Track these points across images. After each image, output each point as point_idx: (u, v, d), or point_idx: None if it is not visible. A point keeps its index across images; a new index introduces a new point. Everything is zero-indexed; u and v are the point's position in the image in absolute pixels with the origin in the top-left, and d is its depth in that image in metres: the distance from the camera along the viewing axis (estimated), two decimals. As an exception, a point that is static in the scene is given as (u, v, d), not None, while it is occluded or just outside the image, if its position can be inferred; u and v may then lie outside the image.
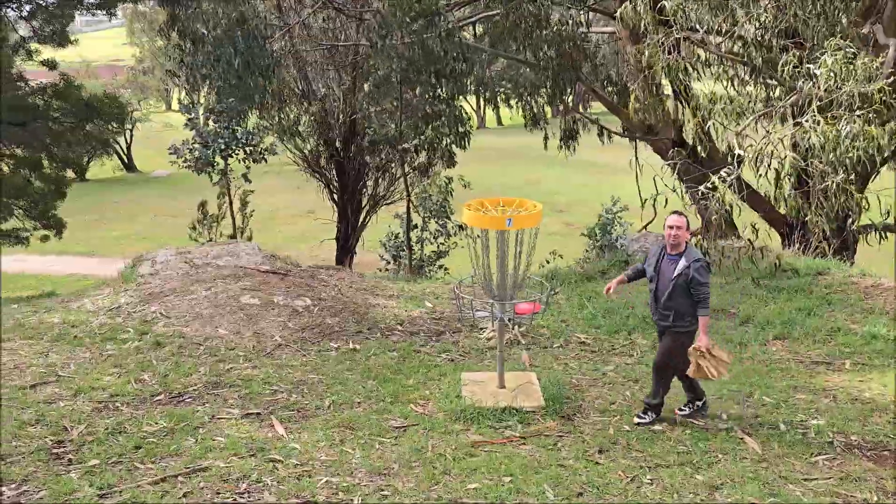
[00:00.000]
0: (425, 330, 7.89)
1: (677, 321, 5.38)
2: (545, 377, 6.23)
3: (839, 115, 7.11)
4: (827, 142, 7.04)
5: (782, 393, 6.29)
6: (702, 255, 5.38)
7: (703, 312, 5.32)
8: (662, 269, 5.39)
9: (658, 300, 5.42)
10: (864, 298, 8.96)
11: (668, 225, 5.38)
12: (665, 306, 5.37)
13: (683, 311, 5.36)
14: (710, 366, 5.31)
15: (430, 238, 15.32)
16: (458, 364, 6.92)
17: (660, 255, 5.45)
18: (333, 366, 6.68)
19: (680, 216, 5.39)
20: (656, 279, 5.42)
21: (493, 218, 5.39)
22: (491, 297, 5.73)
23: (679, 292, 5.30)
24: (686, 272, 5.25)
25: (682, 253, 5.35)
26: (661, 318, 5.47)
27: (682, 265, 5.28)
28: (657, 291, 5.42)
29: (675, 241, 5.34)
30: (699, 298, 5.29)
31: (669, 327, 5.44)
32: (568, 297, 9.13)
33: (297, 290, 8.42)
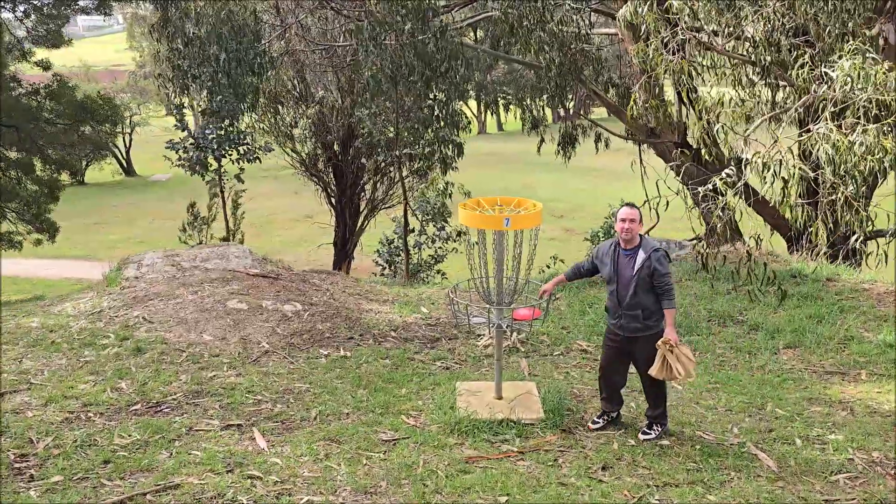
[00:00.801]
0: (420, 336, 7.55)
1: (647, 321, 5.04)
2: (545, 387, 5.88)
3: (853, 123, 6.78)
4: (838, 153, 6.70)
5: (796, 405, 5.95)
6: (659, 244, 5.07)
7: (669, 305, 4.99)
8: (620, 266, 5.05)
9: (621, 301, 5.06)
10: (877, 305, 8.62)
11: (620, 218, 5.04)
12: (630, 305, 5.01)
13: (651, 309, 5.03)
14: (676, 363, 4.90)
15: (428, 243, 14.99)
16: (454, 372, 6.59)
17: (614, 253, 5.10)
18: (322, 374, 6.34)
19: (632, 208, 5.06)
20: (615, 279, 5.07)
21: (489, 217, 5.06)
22: (488, 303, 5.39)
23: (643, 288, 4.98)
24: (647, 264, 4.94)
25: (637, 246, 5.03)
26: (627, 320, 5.07)
27: (640, 258, 4.96)
28: (618, 292, 5.07)
29: (628, 234, 5.00)
30: (663, 290, 4.97)
31: (640, 331, 5.06)
32: (569, 302, 8.79)
33: (288, 294, 8.09)
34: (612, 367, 5.33)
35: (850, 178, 6.55)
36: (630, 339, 5.13)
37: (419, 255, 15.09)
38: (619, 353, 5.26)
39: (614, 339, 5.25)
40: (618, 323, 5.16)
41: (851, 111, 6.89)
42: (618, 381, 5.38)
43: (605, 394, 5.43)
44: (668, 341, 4.93)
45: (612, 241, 5.20)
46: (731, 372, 6.82)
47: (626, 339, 5.15)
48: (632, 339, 5.12)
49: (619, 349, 5.24)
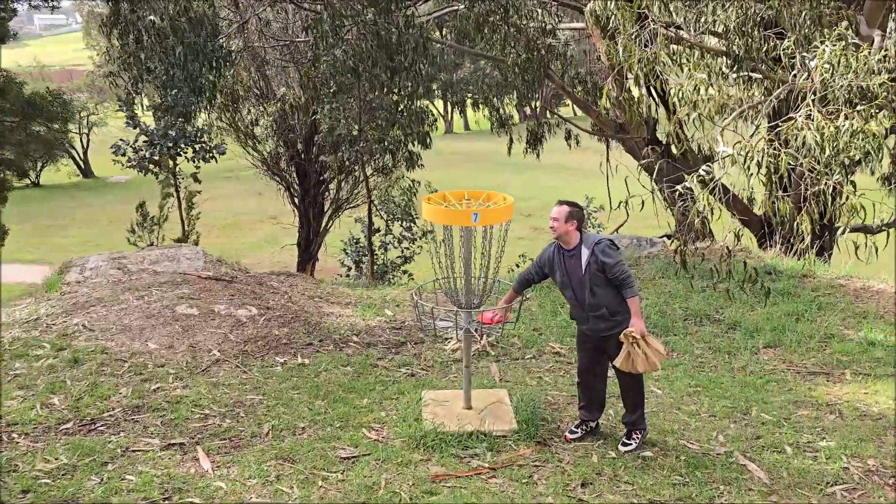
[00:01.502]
0: (384, 341, 7.10)
1: (615, 317, 4.71)
2: (517, 394, 5.48)
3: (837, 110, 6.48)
4: (824, 139, 6.40)
5: (782, 409, 5.62)
6: (603, 237, 4.75)
7: (630, 293, 4.65)
8: (569, 268, 4.77)
9: (582, 304, 4.77)
10: (855, 302, 8.40)
11: (550, 217, 4.78)
12: (592, 306, 4.71)
13: (614, 304, 4.71)
14: (640, 355, 4.56)
15: (395, 243, 14.52)
16: (420, 379, 6.15)
17: (559, 257, 4.83)
18: (277, 384, 5.86)
19: (560, 206, 4.75)
20: (569, 282, 4.80)
21: (456, 212, 4.64)
22: (455, 305, 4.97)
23: (599, 285, 4.67)
24: (594, 260, 4.64)
25: (579, 244, 4.75)
26: (594, 322, 4.76)
27: (585, 255, 4.67)
28: (576, 295, 4.79)
29: (553, 233, 4.74)
30: (619, 281, 4.63)
31: (611, 329, 4.72)
32: (540, 303, 8.41)
33: (243, 298, 7.59)
34: (591, 372, 4.97)
35: (837, 165, 6.25)
36: (603, 339, 4.82)
37: (385, 255, 14.61)
38: (595, 354, 4.92)
39: (587, 341, 4.95)
40: (585, 325, 4.87)
41: (832, 98, 6.61)
42: (598, 387, 4.99)
43: (584, 401, 5.04)
44: (631, 333, 4.58)
45: (553, 245, 4.89)
46: (711, 374, 6.48)
47: (600, 340, 4.84)
48: (604, 339, 4.82)
49: (593, 350, 4.91)
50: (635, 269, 9.50)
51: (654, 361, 4.57)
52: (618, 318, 4.70)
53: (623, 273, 4.62)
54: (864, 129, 6.32)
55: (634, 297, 4.64)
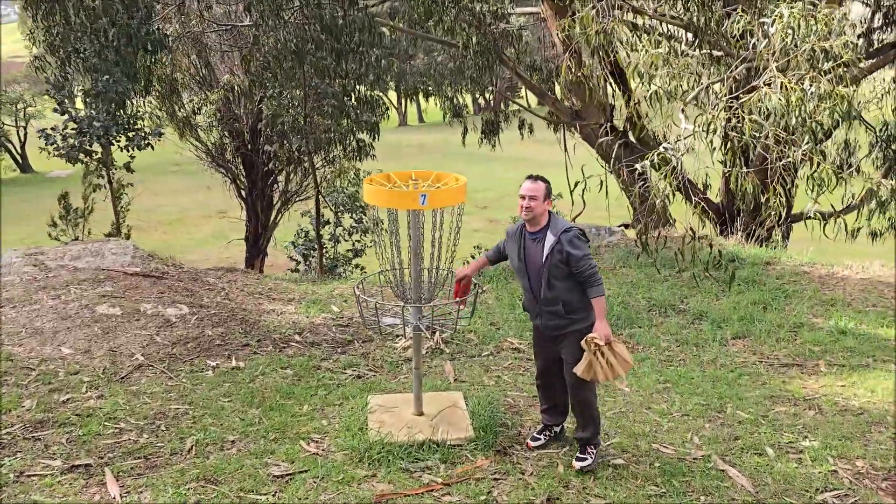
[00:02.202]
0: (329, 340, 6.53)
1: (572, 315, 4.13)
2: (473, 397, 4.97)
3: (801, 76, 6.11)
4: (790, 105, 6.01)
5: (758, 405, 5.22)
6: (572, 224, 4.15)
7: (595, 293, 4.05)
8: (528, 253, 4.17)
9: (536, 295, 4.17)
10: (822, 289, 8.11)
11: (520, 195, 4.12)
12: (547, 300, 4.12)
13: (573, 301, 4.12)
14: (602, 364, 3.99)
15: (345, 235, 13.91)
16: (367, 382, 5.60)
17: (520, 238, 4.22)
18: (207, 391, 5.25)
19: (535, 181, 4.15)
20: (524, 269, 4.20)
21: (401, 194, 4.09)
22: (402, 300, 4.42)
23: (558, 277, 4.09)
24: (558, 248, 4.04)
25: (545, 228, 4.14)
26: (547, 318, 4.18)
27: (549, 242, 4.07)
28: (531, 285, 4.19)
29: (529, 214, 4.11)
30: (584, 277, 4.05)
31: (564, 327, 4.16)
32: (497, 295, 7.93)
33: (173, 295, 6.93)
34: (549, 371, 4.43)
35: (806, 132, 5.87)
36: (555, 339, 4.24)
37: (335, 248, 13.99)
38: (548, 350, 4.35)
39: (541, 338, 4.38)
40: (536, 320, 4.29)
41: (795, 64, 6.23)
42: (559, 388, 4.46)
43: (546, 404, 4.52)
44: (594, 339, 3.99)
45: (518, 225, 4.29)
46: (680, 368, 6.07)
47: (552, 339, 4.26)
48: (557, 338, 4.23)
49: (546, 347, 4.35)
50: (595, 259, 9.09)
51: (617, 371, 4.02)
52: (574, 317, 4.13)
53: (590, 268, 4.04)
54: (832, 93, 5.97)
55: (600, 297, 4.05)
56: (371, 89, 12.86)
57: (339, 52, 11.22)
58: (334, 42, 11.10)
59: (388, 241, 4.40)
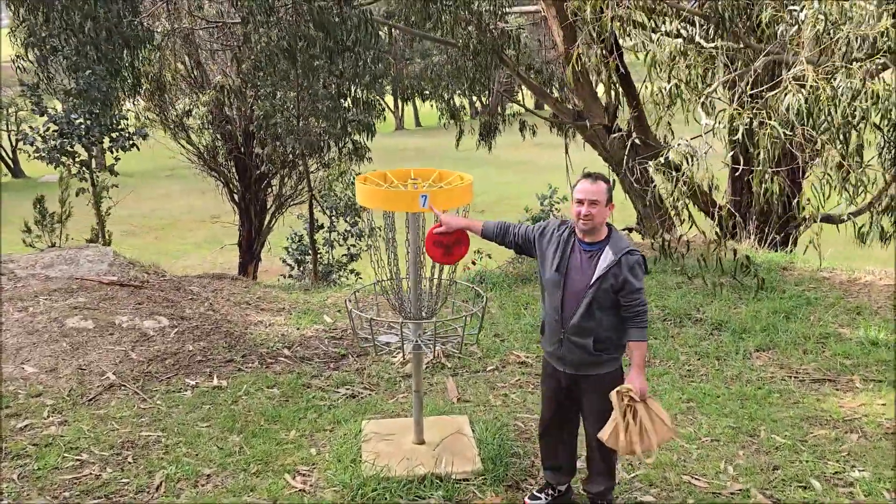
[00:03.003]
0: (320, 354, 6.02)
1: (602, 353, 3.39)
2: (480, 421, 4.47)
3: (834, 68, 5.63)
4: (820, 103, 5.52)
5: (794, 428, 4.72)
6: (633, 245, 3.41)
7: (640, 335, 3.33)
8: (573, 265, 3.39)
9: (565, 319, 3.40)
10: (845, 296, 7.62)
11: (577, 198, 3.35)
12: (577, 329, 3.37)
13: (608, 339, 3.39)
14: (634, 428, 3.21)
15: (339, 240, 13.39)
16: (362, 402, 5.09)
17: (566, 244, 3.43)
18: (183, 414, 4.73)
19: (595, 181, 3.36)
20: (562, 283, 3.40)
21: (399, 195, 3.58)
22: (400, 314, 3.92)
23: (602, 305, 3.34)
24: (615, 272, 3.30)
25: (603, 241, 3.39)
26: (569, 349, 3.42)
27: (608, 259, 3.31)
28: (564, 304, 3.41)
29: (588, 224, 3.34)
30: (633, 312, 3.33)
31: (588, 366, 3.42)
32: (501, 303, 7.44)
33: (152, 306, 6.41)
34: (557, 424, 3.67)
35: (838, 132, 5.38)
36: (574, 379, 3.50)
37: (330, 254, 13.47)
38: (563, 397, 3.58)
39: (553, 376, 3.59)
40: (556, 352, 3.49)
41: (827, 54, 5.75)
42: (568, 446, 3.69)
43: (550, 462, 3.77)
44: (629, 392, 3.26)
45: (567, 225, 3.50)
46: (703, 384, 5.57)
47: (569, 378, 3.51)
48: (576, 379, 3.49)
49: (560, 391, 3.57)
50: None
51: (650, 442, 3.25)
52: (603, 357, 3.42)
53: (641, 304, 3.33)
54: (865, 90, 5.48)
55: (643, 341, 3.34)
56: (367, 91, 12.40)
57: (333, 51, 10.74)
58: (328, 40, 10.63)
59: (384, 248, 3.90)
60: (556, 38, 12.58)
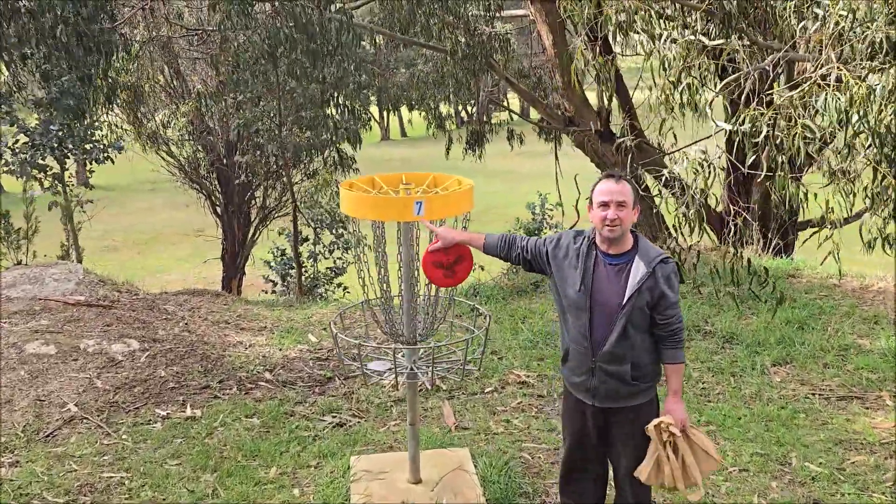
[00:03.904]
0: (305, 377, 5.54)
1: (639, 381, 2.96)
2: (482, 453, 4.01)
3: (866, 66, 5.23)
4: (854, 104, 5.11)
5: (828, 454, 4.29)
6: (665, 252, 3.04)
7: (677, 357, 2.94)
8: (600, 282, 2.93)
9: (597, 345, 2.94)
10: (859, 305, 7.23)
11: (601, 200, 2.90)
12: (611, 356, 2.91)
13: (644, 364, 2.97)
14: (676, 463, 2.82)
15: (325, 253, 12.91)
16: (350, 432, 4.62)
17: (587, 258, 2.96)
18: (151, 450, 4.25)
19: (620, 181, 2.92)
20: (587, 304, 2.93)
21: (390, 202, 3.14)
22: (392, 338, 3.46)
23: (639, 327, 2.91)
24: (649, 284, 2.87)
25: (631, 251, 2.96)
26: (604, 378, 2.96)
27: (640, 271, 2.88)
28: (592, 328, 2.94)
29: (617, 230, 2.89)
30: (670, 331, 2.91)
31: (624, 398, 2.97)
32: (497, 318, 6.99)
33: (122, 328, 5.92)
34: (582, 463, 3.18)
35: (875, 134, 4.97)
36: (605, 413, 3.04)
37: (315, 267, 12.99)
38: (591, 435, 3.10)
39: (579, 411, 3.09)
40: (585, 383, 3.01)
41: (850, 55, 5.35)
42: (595, 488, 3.21)
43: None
44: (669, 426, 2.86)
45: (584, 236, 3.03)
46: (721, 405, 5.13)
47: (599, 413, 3.04)
48: (608, 413, 3.04)
49: (589, 428, 3.09)
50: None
51: (693, 476, 2.83)
52: (640, 386, 2.97)
53: (679, 322, 2.93)
54: None
55: (682, 363, 2.96)
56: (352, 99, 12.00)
57: (316, 54, 10.32)
58: (310, 43, 10.21)
59: (372, 261, 3.45)
60: (546, 42, 12.23)
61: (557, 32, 11.25)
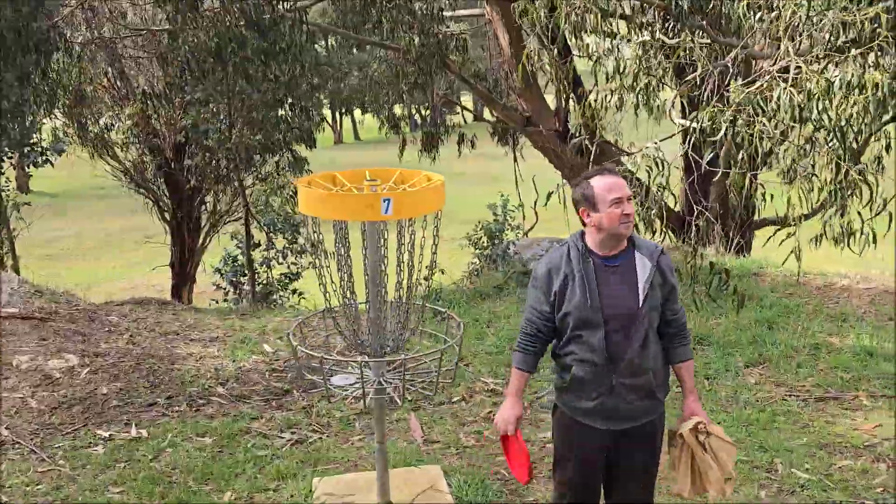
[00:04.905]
0: (260, 391, 5.19)
1: (660, 391, 2.75)
2: (455, 472, 3.73)
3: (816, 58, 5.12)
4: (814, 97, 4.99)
5: (814, 459, 4.13)
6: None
7: (688, 353, 2.75)
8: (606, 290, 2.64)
9: (615, 357, 2.62)
10: (826, 302, 7.19)
11: (615, 198, 2.60)
12: (635, 368, 2.64)
13: (661, 368, 2.74)
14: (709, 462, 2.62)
15: (279, 258, 12.48)
16: (311, 450, 4.30)
17: (585, 268, 2.66)
18: (91, 477, 3.87)
19: (617, 176, 2.68)
20: (601, 317, 2.62)
21: (355, 199, 2.84)
22: (357, 350, 3.17)
23: (654, 324, 2.67)
24: (658, 279, 2.64)
25: (627, 248, 2.71)
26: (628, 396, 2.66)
27: (646, 267, 2.63)
28: (609, 340, 2.62)
29: (629, 227, 2.64)
30: (678, 326, 2.71)
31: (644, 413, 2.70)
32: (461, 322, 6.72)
33: (60, 342, 5.49)
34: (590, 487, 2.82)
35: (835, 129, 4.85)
36: (617, 435, 2.71)
37: (269, 273, 12.54)
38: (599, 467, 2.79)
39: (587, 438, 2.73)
40: (602, 406, 2.67)
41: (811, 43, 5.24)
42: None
43: None
44: (702, 425, 2.66)
45: (567, 244, 2.73)
46: (697, 410, 4.95)
47: (613, 436, 2.71)
48: (620, 435, 2.70)
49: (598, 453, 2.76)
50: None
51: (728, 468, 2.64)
52: (660, 396, 2.75)
53: (684, 313, 2.76)
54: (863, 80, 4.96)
55: (691, 359, 2.77)
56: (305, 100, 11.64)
57: (268, 53, 9.95)
58: (262, 41, 9.84)
59: (334, 267, 3.15)
60: (503, 42, 12.03)
61: (514, 32, 11.06)
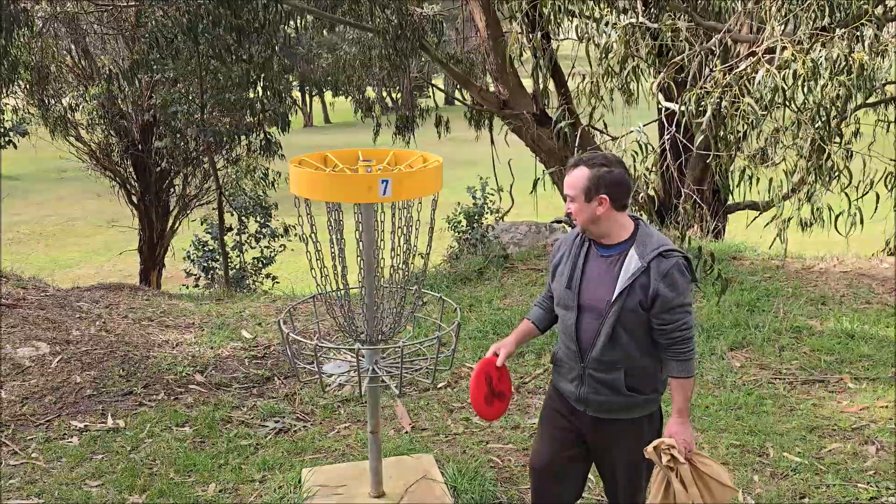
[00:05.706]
0: (240, 378, 5.05)
1: (634, 392, 2.55)
2: (449, 460, 3.65)
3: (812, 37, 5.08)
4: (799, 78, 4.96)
5: (804, 442, 4.12)
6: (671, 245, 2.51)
7: (683, 370, 2.51)
8: (589, 277, 2.57)
9: (584, 347, 2.57)
10: (804, 286, 7.22)
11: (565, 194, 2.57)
12: (600, 362, 2.54)
13: (641, 371, 2.56)
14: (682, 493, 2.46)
15: (251, 242, 12.26)
16: (295, 438, 4.18)
17: (580, 251, 2.61)
18: (67, 470, 3.71)
19: (573, 168, 2.54)
20: (576, 302, 2.57)
21: (351, 180, 2.72)
22: (351, 336, 3.05)
23: (630, 328, 2.50)
24: (642, 282, 2.46)
25: (627, 242, 2.54)
26: (594, 387, 2.57)
27: (633, 265, 2.47)
28: (578, 328, 2.57)
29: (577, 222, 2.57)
30: (671, 339, 2.49)
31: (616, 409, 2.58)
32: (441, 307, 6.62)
33: (29, 330, 5.28)
34: (553, 470, 2.73)
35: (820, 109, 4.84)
36: (593, 425, 2.64)
37: (241, 258, 12.32)
38: (569, 444, 2.71)
39: (561, 417, 2.70)
40: (572, 389, 2.62)
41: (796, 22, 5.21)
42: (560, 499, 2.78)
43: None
44: (670, 447, 2.46)
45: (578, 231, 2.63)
46: (685, 393, 4.93)
47: (585, 424, 2.65)
48: (596, 425, 2.63)
49: (569, 436, 2.70)
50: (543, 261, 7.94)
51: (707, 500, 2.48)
52: (636, 398, 2.55)
53: (685, 326, 2.47)
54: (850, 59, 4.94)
55: (689, 378, 2.52)
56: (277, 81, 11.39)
57: (241, 31, 9.69)
58: (234, 18, 9.57)
59: (327, 252, 3.02)
60: (479, 24, 11.89)
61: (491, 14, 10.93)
